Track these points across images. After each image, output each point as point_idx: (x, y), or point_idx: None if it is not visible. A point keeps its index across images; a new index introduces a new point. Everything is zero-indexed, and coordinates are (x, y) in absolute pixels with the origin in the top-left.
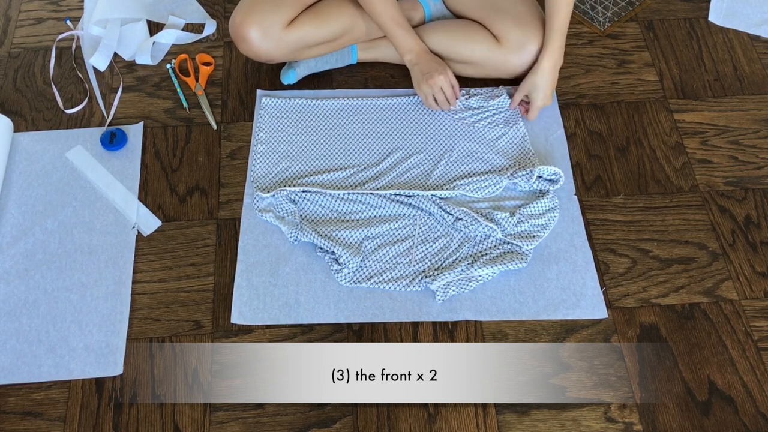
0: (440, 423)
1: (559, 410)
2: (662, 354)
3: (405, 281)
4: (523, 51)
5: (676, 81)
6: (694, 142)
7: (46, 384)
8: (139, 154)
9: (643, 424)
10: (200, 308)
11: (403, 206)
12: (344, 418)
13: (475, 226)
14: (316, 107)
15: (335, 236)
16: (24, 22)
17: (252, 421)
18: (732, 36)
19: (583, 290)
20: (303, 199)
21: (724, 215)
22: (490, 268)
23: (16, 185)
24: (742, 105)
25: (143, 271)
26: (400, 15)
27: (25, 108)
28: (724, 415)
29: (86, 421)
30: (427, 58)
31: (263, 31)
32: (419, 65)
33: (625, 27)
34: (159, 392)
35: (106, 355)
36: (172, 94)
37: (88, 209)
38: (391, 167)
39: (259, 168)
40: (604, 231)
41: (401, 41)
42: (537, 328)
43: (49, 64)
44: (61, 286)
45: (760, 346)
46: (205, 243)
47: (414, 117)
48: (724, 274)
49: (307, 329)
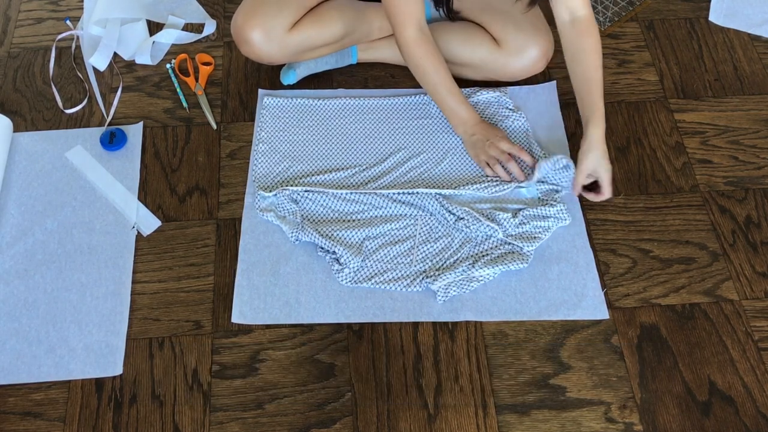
0: (440, 423)
1: (559, 410)
2: (662, 354)
3: (406, 281)
4: (523, 55)
5: (676, 81)
6: (695, 142)
7: (45, 384)
8: (138, 154)
9: (643, 425)
10: (200, 308)
11: (405, 206)
12: (344, 418)
13: (477, 226)
14: (318, 107)
15: (336, 236)
16: (23, 22)
17: (252, 421)
18: (732, 36)
19: (584, 291)
20: (305, 198)
21: (725, 215)
22: (491, 268)
23: (15, 185)
24: (742, 105)
25: (143, 271)
26: (455, 86)
27: (24, 108)
28: (725, 416)
29: (86, 421)
30: (484, 126)
31: (266, 33)
32: (476, 135)
33: (626, 27)
34: (159, 392)
35: (105, 355)
36: (172, 94)
37: (88, 209)
38: (393, 167)
39: (261, 167)
40: (604, 231)
41: (455, 112)
42: (537, 329)
43: (48, 64)
44: (61, 287)
45: (760, 347)
46: (205, 243)
47: (416, 117)
48: (724, 275)
49: (307, 329)
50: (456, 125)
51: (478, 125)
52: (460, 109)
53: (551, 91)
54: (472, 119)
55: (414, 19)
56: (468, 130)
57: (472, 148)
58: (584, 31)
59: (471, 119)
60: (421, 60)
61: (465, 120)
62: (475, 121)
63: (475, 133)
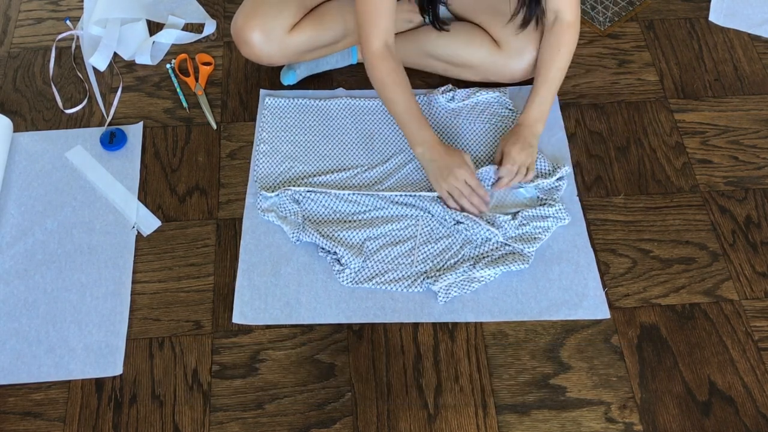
0: (440, 423)
1: (559, 410)
2: (662, 354)
3: (407, 282)
4: (523, 56)
5: (676, 81)
6: (695, 142)
7: (45, 384)
8: (138, 154)
9: (643, 425)
10: (200, 308)
11: (406, 207)
12: (344, 418)
13: (476, 229)
14: (320, 107)
15: (337, 237)
16: (23, 21)
17: (252, 421)
18: (732, 36)
19: (585, 291)
20: (306, 199)
21: (725, 215)
22: (492, 269)
23: (15, 185)
24: (742, 105)
25: (143, 271)
26: (415, 105)
27: (24, 108)
28: (725, 416)
29: (86, 421)
30: (441, 150)
31: (266, 35)
32: (435, 161)
33: (626, 27)
34: (159, 392)
35: (105, 356)
36: (172, 94)
37: (88, 209)
38: (395, 169)
39: (263, 168)
40: (605, 231)
41: (414, 133)
42: (537, 329)
43: (48, 64)
44: (61, 287)
45: (760, 347)
46: (205, 243)
47: None
48: (724, 275)
49: (307, 329)
50: (414, 144)
51: (436, 147)
52: (419, 129)
53: None
54: (430, 140)
55: (381, 32)
56: (426, 153)
57: (432, 175)
58: (561, 33)
59: (430, 140)
60: (383, 75)
61: (423, 140)
62: (434, 142)
63: (435, 157)
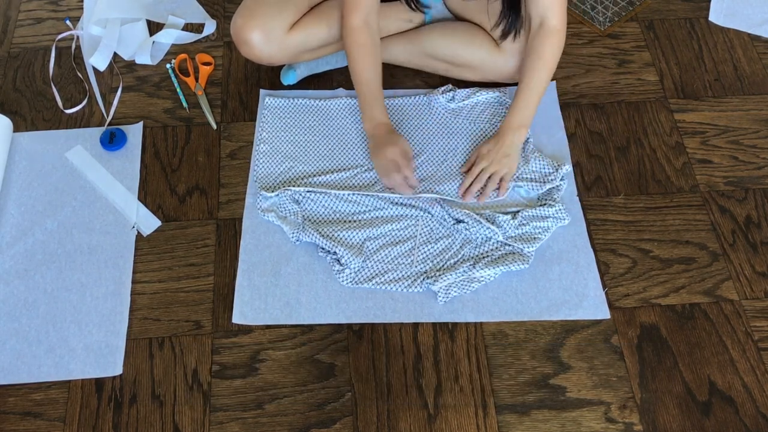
0: (440, 423)
1: (559, 410)
2: (662, 354)
3: (407, 282)
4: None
5: (676, 81)
6: (695, 142)
7: (45, 384)
8: (138, 154)
9: (643, 425)
10: (200, 308)
11: (405, 207)
12: (344, 418)
13: (477, 228)
14: (320, 107)
15: (337, 237)
16: (23, 21)
17: (252, 421)
18: (732, 36)
19: (585, 291)
20: (306, 199)
21: (725, 215)
22: (492, 269)
23: (15, 185)
24: (742, 105)
25: (143, 271)
26: (375, 83)
27: (24, 108)
28: (725, 416)
29: (86, 421)
30: (383, 130)
31: (265, 35)
32: (374, 138)
33: (626, 27)
34: (159, 392)
35: (105, 356)
36: (172, 94)
37: (88, 209)
38: None
39: (263, 168)
40: (605, 231)
41: (368, 108)
42: (537, 329)
43: (48, 64)
44: (61, 286)
45: (760, 347)
46: (205, 243)
47: (416, 117)
48: (724, 274)
49: (307, 329)
50: (363, 119)
51: (380, 127)
52: (372, 107)
53: (551, 91)
54: (378, 118)
55: (363, 8)
56: (370, 129)
57: (372, 151)
58: (546, 38)
59: (377, 118)
60: (353, 48)
61: (372, 117)
62: (380, 122)
63: (375, 134)
